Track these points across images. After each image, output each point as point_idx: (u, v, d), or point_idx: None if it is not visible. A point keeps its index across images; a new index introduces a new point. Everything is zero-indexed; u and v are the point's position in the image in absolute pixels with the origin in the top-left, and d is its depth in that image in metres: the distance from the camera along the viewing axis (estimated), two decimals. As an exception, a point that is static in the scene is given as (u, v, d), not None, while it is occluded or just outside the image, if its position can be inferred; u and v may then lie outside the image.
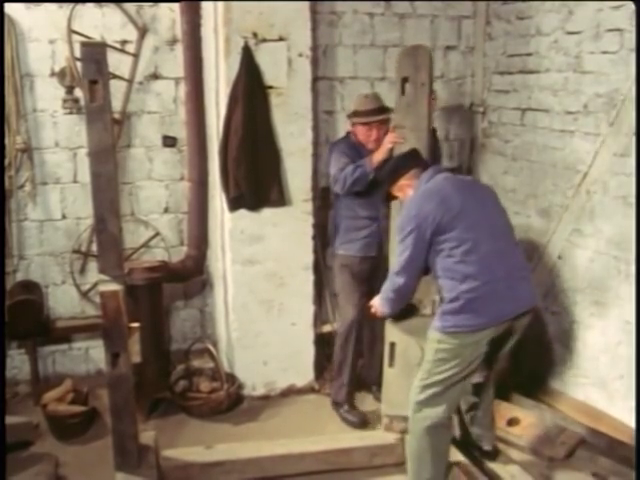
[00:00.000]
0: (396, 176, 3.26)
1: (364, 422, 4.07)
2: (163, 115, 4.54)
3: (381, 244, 3.95)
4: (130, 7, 4.32)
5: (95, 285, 4.41)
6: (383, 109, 3.91)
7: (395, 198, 3.41)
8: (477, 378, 3.35)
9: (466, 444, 3.57)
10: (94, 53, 2.88)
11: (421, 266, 3.10)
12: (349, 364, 4.12)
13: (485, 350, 3.07)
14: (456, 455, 3.47)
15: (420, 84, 3.48)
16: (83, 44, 3.03)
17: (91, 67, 2.86)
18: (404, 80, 3.51)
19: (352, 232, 4.03)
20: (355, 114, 3.96)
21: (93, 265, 4.46)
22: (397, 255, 3.16)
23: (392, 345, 3.53)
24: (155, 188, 4.61)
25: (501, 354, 3.28)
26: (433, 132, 3.85)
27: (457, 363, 3.03)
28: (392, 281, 3.21)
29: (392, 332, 3.52)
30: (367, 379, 4.37)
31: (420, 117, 3.51)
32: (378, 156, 3.72)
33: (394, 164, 3.34)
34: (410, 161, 3.29)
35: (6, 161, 4.19)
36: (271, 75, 4.05)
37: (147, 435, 3.43)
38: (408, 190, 3.22)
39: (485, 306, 2.97)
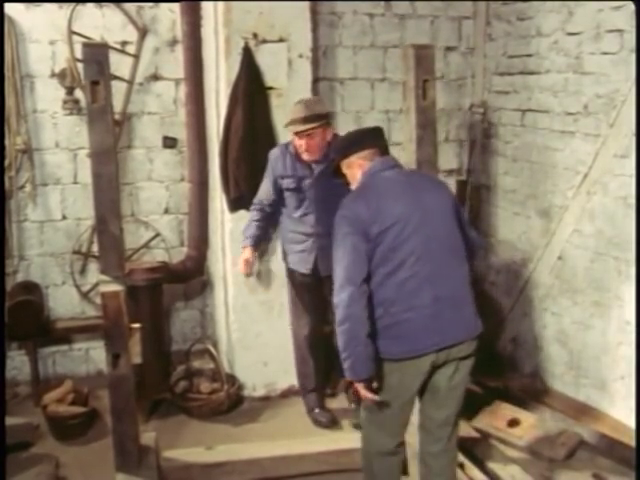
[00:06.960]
0: (349, 151, 2.85)
1: (333, 421, 4.07)
2: (163, 116, 4.54)
3: (316, 261, 3.83)
4: (130, 8, 4.33)
5: (95, 286, 4.41)
6: (311, 118, 3.57)
7: (343, 176, 2.94)
8: (434, 447, 2.90)
9: None
10: (96, 54, 2.88)
11: (364, 274, 2.61)
12: (311, 373, 4.11)
13: (415, 385, 2.73)
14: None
15: None
16: (85, 45, 3.03)
17: (93, 68, 2.86)
18: None
19: (288, 244, 3.97)
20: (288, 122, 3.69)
21: (93, 266, 4.46)
22: (336, 265, 2.67)
23: None
24: (155, 189, 4.62)
25: (445, 396, 2.79)
26: None
27: (385, 390, 2.72)
28: (336, 307, 2.64)
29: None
30: None
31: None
32: None
33: (352, 137, 2.95)
34: (369, 139, 2.88)
35: (6, 162, 4.19)
36: (271, 76, 4.05)
37: (147, 436, 3.43)
38: (357, 170, 2.83)
39: (403, 334, 2.64)
